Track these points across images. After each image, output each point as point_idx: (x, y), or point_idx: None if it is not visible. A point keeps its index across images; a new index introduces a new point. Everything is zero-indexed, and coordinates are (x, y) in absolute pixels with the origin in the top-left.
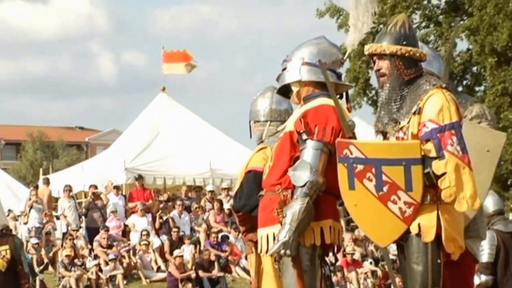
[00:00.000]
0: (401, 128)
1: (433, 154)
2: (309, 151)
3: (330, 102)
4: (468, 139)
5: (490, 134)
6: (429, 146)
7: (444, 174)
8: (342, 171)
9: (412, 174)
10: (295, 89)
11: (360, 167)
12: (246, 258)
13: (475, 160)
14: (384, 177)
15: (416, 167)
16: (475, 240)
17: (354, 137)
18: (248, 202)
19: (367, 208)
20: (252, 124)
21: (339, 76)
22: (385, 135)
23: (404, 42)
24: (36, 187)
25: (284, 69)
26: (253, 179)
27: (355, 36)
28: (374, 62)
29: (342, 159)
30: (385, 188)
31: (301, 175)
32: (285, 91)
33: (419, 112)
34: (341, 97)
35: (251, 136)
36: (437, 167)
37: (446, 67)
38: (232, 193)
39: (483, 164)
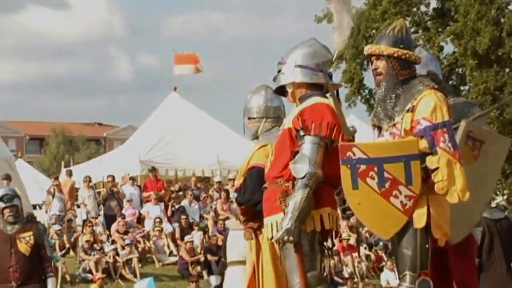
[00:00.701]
0: (395, 125)
1: (426, 150)
2: (307, 145)
3: (324, 100)
4: (486, 141)
5: (500, 138)
6: (423, 143)
7: (437, 168)
8: (345, 173)
9: (412, 169)
10: (289, 89)
11: (363, 167)
12: None
13: (489, 161)
14: (385, 174)
15: (415, 162)
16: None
17: (353, 140)
18: (252, 197)
19: (371, 205)
20: (246, 121)
21: (329, 76)
22: (380, 129)
23: (401, 45)
24: (57, 178)
25: (279, 70)
26: (256, 175)
27: (339, 40)
28: (372, 62)
29: (345, 161)
30: (387, 184)
31: (301, 168)
32: (281, 90)
33: (412, 110)
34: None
35: (245, 132)
36: (430, 162)
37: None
38: None
39: (493, 164)
